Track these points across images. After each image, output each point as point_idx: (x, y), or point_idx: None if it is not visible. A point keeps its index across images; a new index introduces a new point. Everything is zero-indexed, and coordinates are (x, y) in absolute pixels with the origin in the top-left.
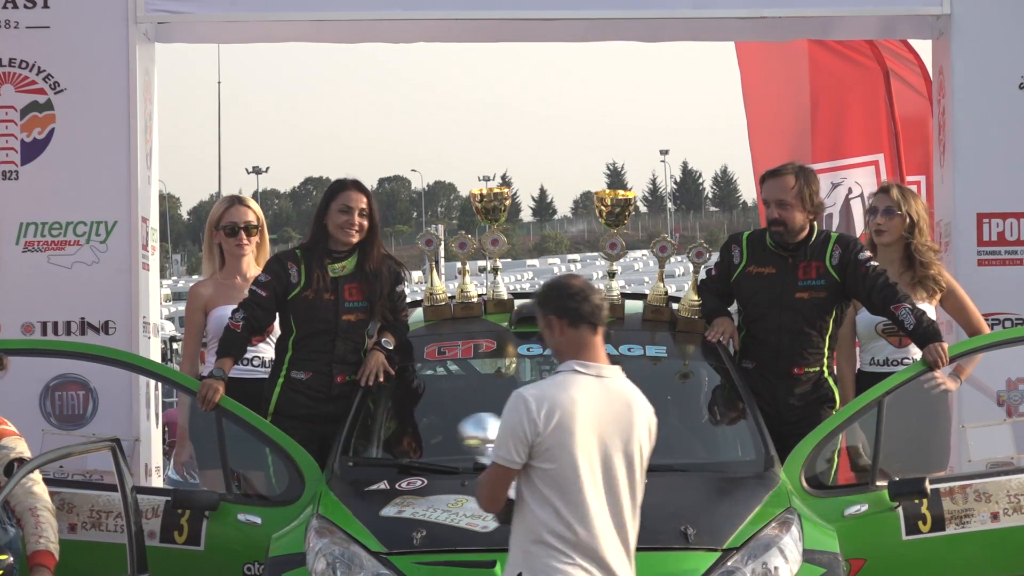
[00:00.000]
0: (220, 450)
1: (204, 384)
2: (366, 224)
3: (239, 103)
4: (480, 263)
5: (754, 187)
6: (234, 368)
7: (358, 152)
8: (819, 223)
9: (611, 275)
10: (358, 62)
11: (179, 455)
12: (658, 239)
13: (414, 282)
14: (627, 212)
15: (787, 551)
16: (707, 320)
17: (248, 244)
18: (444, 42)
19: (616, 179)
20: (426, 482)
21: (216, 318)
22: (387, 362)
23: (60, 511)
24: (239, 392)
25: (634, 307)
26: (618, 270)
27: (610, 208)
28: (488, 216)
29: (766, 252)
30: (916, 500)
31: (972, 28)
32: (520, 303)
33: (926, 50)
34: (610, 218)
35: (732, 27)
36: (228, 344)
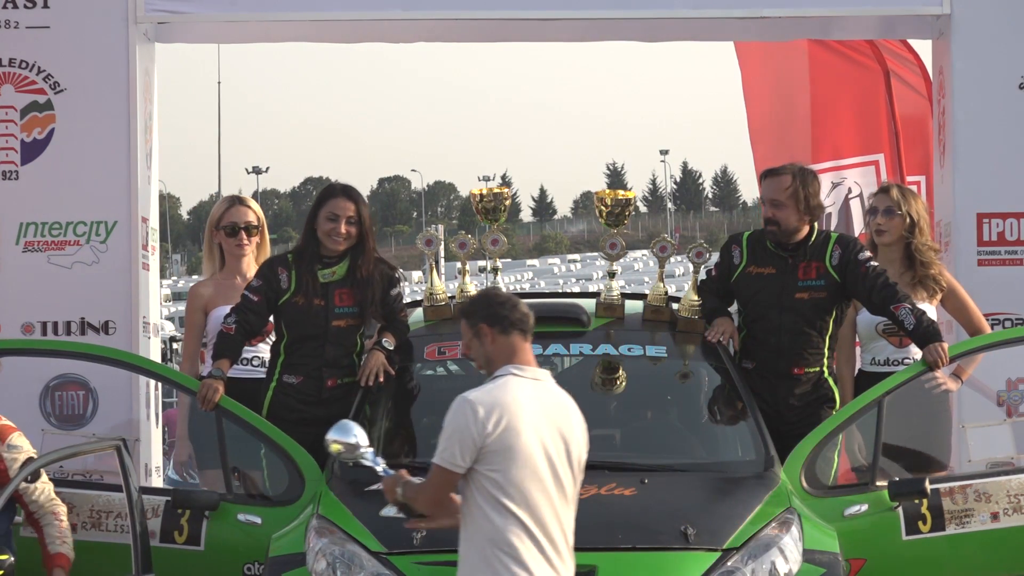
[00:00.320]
0: (220, 450)
1: (204, 384)
2: (355, 231)
3: (239, 103)
4: (480, 263)
5: (754, 187)
6: (233, 368)
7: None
8: (818, 223)
9: (611, 275)
10: (358, 62)
11: (178, 455)
12: (658, 239)
13: (414, 282)
14: (627, 212)
15: (787, 551)
16: (707, 320)
17: (249, 244)
18: (444, 42)
19: (616, 179)
20: None
21: (216, 318)
22: (387, 362)
23: None
24: (238, 392)
25: (634, 307)
26: (618, 270)
27: (610, 208)
28: (488, 216)
29: (766, 252)
30: (916, 500)
31: (972, 28)
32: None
33: (926, 50)
34: (610, 218)
35: (732, 27)
36: (223, 347)
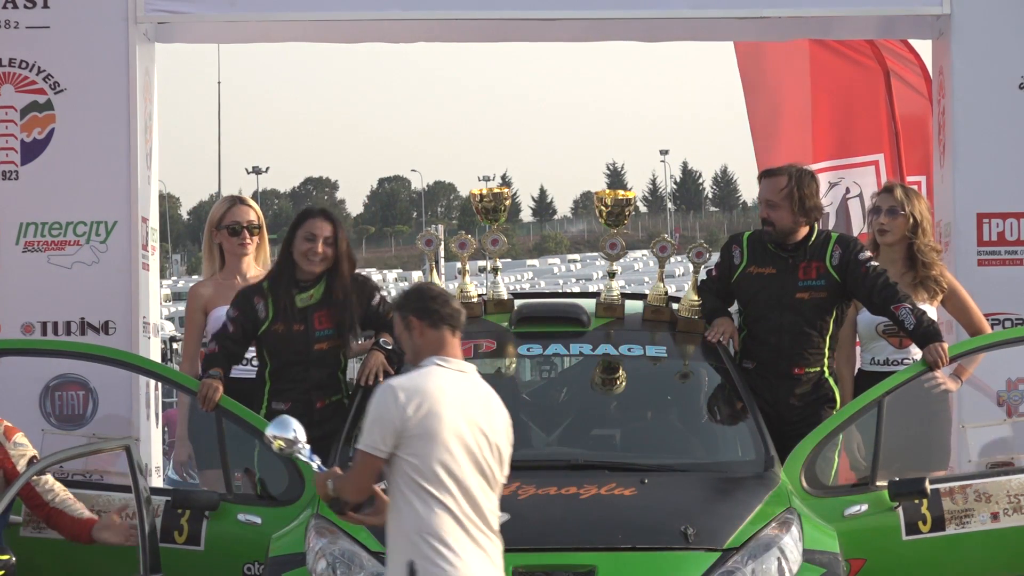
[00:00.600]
0: (220, 450)
1: (204, 384)
2: (331, 252)
3: (239, 103)
4: (480, 263)
5: (754, 187)
6: (234, 368)
7: (358, 152)
8: (818, 223)
9: (611, 275)
10: (358, 62)
11: (178, 455)
12: (658, 239)
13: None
14: (627, 212)
15: (787, 551)
16: (707, 320)
17: (250, 244)
18: (444, 42)
19: (616, 179)
20: None
21: (216, 318)
22: (387, 362)
23: None
24: (238, 392)
25: (634, 307)
26: (618, 270)
27: (610, 208)
28: (488, 216)
29: (766, 252)
30: (916, 500)
31: (972, 28)
32: (520, 303)
33: (926, 50)
34: (610, 218)
35: (732, 27)
36: (213, 363)
